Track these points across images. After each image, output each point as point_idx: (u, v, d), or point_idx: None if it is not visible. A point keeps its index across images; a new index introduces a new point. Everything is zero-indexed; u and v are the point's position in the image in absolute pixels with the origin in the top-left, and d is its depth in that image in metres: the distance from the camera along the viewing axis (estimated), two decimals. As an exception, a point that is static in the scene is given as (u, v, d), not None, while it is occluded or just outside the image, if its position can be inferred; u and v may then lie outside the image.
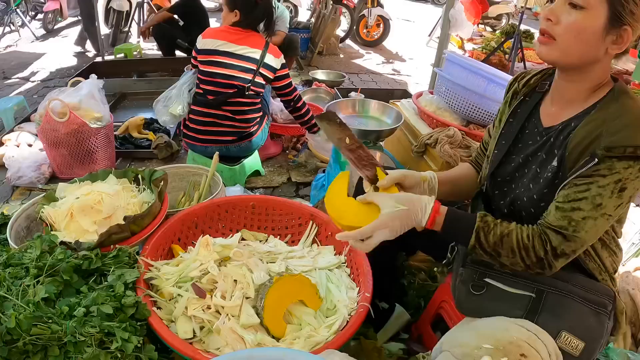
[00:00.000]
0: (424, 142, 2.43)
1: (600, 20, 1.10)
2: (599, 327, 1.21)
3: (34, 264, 1.43)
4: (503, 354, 1.07)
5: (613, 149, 1.08)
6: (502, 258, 1.19)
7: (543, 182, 1.24)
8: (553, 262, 1.15)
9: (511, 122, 1.41)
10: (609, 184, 1.10)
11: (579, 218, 1.12)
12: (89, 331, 1.22)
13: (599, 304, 1.22)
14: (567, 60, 1.17)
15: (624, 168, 1.08)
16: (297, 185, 3.08)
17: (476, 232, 1.20)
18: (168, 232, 1.74)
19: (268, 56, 2.71)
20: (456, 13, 3.30)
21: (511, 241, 1.17)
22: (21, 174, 2.83)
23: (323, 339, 1.39)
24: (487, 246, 1.19)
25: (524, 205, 1.29)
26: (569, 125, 1.23)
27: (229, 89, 2.67)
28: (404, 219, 1.23)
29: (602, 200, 1.10)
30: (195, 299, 1.42)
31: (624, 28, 1.11)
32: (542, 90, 1.37)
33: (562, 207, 1.15)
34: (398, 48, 7.81)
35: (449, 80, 2.49)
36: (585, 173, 1.12)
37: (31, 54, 6.22)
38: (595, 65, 1.18)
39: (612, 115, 1.13)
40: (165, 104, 2.78)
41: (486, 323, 1.22)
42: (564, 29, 1.13)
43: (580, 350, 1.16)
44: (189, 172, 2.37)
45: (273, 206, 1.97)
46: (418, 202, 1.24)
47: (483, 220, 1.21)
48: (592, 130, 1.14)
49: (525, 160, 1.32)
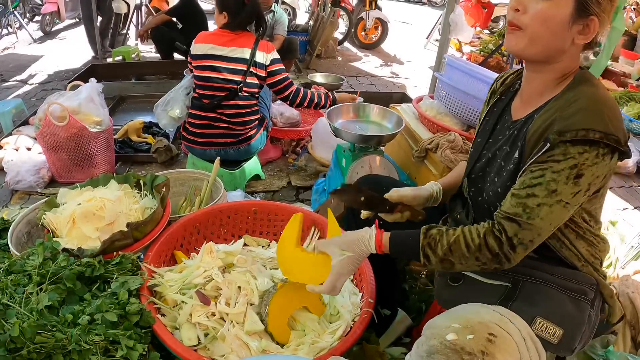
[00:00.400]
0: (425, 147, 2.44)
1: (566, 10, 1.11)
2: (578, 314, 1.19)
3: (37, 271, 1.42)
4: (470, 332, 1.05)
5: (565, 133, 1.07)
6: (456, 266, 1.20)
7: (506, 174, 1.24)
8: (510, 254, 1.14)
9: (487, 121, 1.43)
10: (563, 169, 1.08)
11: (534, 205, 1.11)
12: (94, 339, 1.22)
13: (577, 291, 1.21)
14: (534, 49, 1.17)
15: (578, 153, 1.07)
16: (297, 190, 3.08)
17: (422, 250, 1.21)
18: (170, 239, 1.73)
19: (258, 53, 2.69)
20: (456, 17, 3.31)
21: (459, 247, 1.18)
22: (20, 178, 2.82)
23: (327, 344, 1.40)
24: (436, 260, 1.20)
25: (491, 200, 1.28)
26: (532, 117, 1.23)
27: (222, 92, 2.68)
28: (354, 261, 1.31)
29: (557, 187, 1.09)
30: (199, 305, 1.42)
31: (590, 18, 1.11)
32: (515, 89, 1.38)
33: (517, 194, 1.14)
34: (396, 51, 7.82)
35: (449, 85, 2.50)
36: (540, 159, 1.11)
37: (29, 57, 6.21)
38: (561, 56, 1.18)
39: (568, 101, 1.13)
40: (164, 107, 2.79)
41: (459, 307, 1.20)
42: (531, 18, 1.13)
43: (558, 337, 1.15)
44: (190, 177, 2.37)
45: (275, 211, 1.97)
46: (360, 242, 1.30)
47: (427, 235, 1.22)
48: (547, 118, 1.14)
49: (493, 155, 1.33)
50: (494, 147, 1.35)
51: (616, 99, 5.21)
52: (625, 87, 5.92)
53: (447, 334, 1.06)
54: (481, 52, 7.03)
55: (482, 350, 1.02)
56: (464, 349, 1.02)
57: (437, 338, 1.06)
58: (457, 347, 1.02)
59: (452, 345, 1.03)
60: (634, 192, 3.52)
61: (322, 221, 1.88)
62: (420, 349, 1.08)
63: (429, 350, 1.05)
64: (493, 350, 1.02)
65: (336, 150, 2.52)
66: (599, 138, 1.05)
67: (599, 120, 1.06)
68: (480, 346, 1.02)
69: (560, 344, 1.15)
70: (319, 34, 6.26)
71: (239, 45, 2.67)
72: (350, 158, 2.34)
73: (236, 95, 2.68)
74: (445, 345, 1.04)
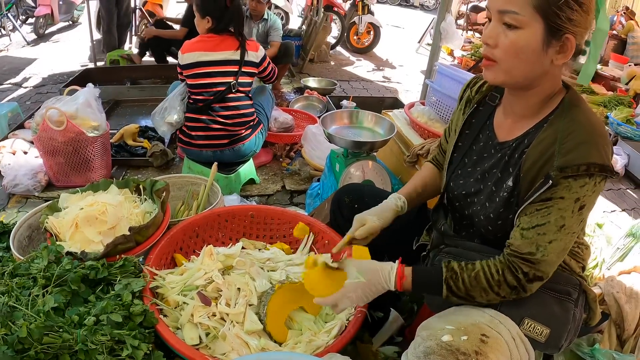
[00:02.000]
0: (416, 152, 2.50)
1: (537, 36, 1.08)
2: (563, 313, 1.22)
3: (42, 274, 1.47)
4: (463, 333, 1.11)
5: (566, 169, 1.08)
6: (477, 299, 1.20)
7: (499, 200, 1.24)
8: (527, 286, 1.15)
9: (467, 134, 1.41)
10: (569, 205, 1.10)
11: (546, 242, 1.12)
12: (100, 339, 1.27)
13: (562, 292, 1.24)
14: (513, 80, 1.16)
15: (580, 187, 1.08)
16: (292, 193, 3.13)
17: (446, 283, 1.20)
18: (171, 242, 1.79)
19: (248, 53, 2.80)
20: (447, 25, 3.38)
21: (481, 282, 1.18)
22: (17, 181, 2.84)
23: (323, 343, 1.46)
24: (459, 292, 1.20)
25: (482, 223, 1.30)
26: (522, 142, 1.22)
27: (216, 95, 2.79)
28: (365, 289, 1.27)
29: (565, 222, 1.11)
30: (200, 306, 1.48)
31: (565, 37, 1.08)
32: (494, 104, 1.36)
33: (527, 235, 1.14)
34: (388, 55, 7.91)
35: (440, 92, 2.57)
36: (544, 196, 1.12)
37: (23, 59, 6.21)
38: (543, 78, 1.16)
39: (563, 132, 1.12)
40: (161, 115, 2.85)
41: (452, 310, 1.26)
42: (503, 52, 1.12)
43: (546, 336, 1.18)
44: (187, 182, 2.42)
45: (271, 215, 2.03)
46: (380, 272, 1.27)
47: (449, 269, 1.21)
48: (544, 150, 1.14)
49: (482, 177, 1.32)
50: (480, 166, 1.34)
51: (605, 103, 5.31)
52: (614, 91, 6.02)
53: (442, 335, 1.12)
54: (472, 56, 7.13)
55: (476, 350, 1.08)
56: (459, 349, 1.08)
57: (433, 339, 1.12)
58: (453, 347, 1.08)
59: (447, 346, 1.09)
60: (622, 194, 3.61)
61: (317, 225, 1.94)
62: (417, 350, 1.13)
63: (426, 351, 1.10)
64: (486, 350, 1.09)
65: (330, 155, 2.58)
66: (598, 171, 1.07)
67: (596, 153, 1.08)
68: (474, 346, 1.09)
69: (547, 343, 1.19)
70: (311, 39, 6.32)
71: (227, 48, 2.76)
72: (343, 163, 2.40)
73: (230, 94, 2.77)
74: (441, 346, 1.09)
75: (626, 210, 3.32)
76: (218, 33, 2.76)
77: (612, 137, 4.33)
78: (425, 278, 1.26)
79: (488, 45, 1.15)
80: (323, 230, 1.90)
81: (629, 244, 2.19)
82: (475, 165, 1.36)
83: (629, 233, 2.24)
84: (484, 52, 1.17)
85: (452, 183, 1.42)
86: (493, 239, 1.30)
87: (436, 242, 1.50)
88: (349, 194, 1.79)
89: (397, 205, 1.52)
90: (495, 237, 1.29)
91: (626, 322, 1.74)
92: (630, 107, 5.09)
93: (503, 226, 1.25)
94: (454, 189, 1.40)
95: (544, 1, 1.05)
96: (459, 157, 1.42)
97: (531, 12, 1.07)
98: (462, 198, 1.38)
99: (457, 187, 1.39)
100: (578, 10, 1.06)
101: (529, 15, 1.07)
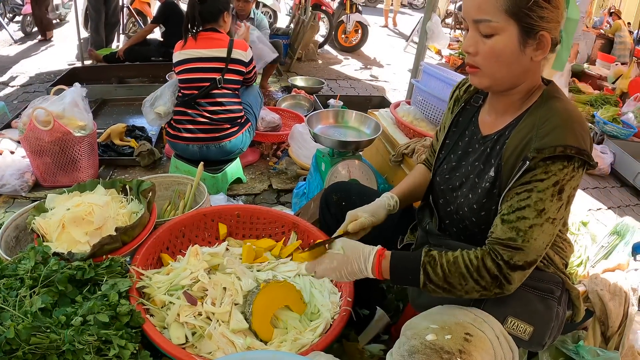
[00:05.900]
0: (402, 151, 2.53)
1: (513, 39, 1.12)
2: (546, 311, 1.24)
3: (29, 274, 1.47)
4: (448, 332, 1.12)
5: (543, 150, 1.09)
6: (456, 287, 1.18)
7: (482, 191, 1.26)
8: (510, 276, 1.14)
9: (454, 131, 1.45)
10: (547, 188, 1.11)
11: (526, 227, 1.12)
12: (87, 339, 1.28)
13: (544, 290, 1.25)
14: (499, 83, 1.20)
15: (559, 169, 1.10)
16: (278, 192, 3.15)
17: (423, 268, 1.20)
18: (157, 242, 1.80)
19: (235, 52, 2.87)
20: (433, 25, 3.41)
21: (459, 267, 1.17)
22: (4, 182, 2.83)
23: (308, 341, 1.49)
24: (437, 279, 1.19)
25: (466, 214, 1.31)
26: (503, 134, 1.26)
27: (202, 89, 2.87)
28: (342, 262, 1.30)
29: (544, 205, 1.11)
30: (187, 306, 1.50)
31: (540, 34, 1.12)
32: (478, 104, 1.41)
33: (507, 219, 1.15)
34: (376, 53, 7.94)
35: (425, 91, 2.60)
36: (524, 179, 1.13)
37: (9, 58, 6.17)
38: (525, 76, 1.20)
39: (541, 119, 1.15)
40: (151, 103, 2.96)
41: (436, 309, 1.27)
42: (484, 58, 1.17)
43: (529, 334, 1.20)
44: (173, 182, 2.43)
45: (257, 215, 2.05)
46: (360, 251, 1.30)
47: (428, 255, 1.22)
48: (523, 137, 1.17)
49: (466, 170, 1.35)
50: (464, 160, 1.37)
51: (592, 102, 5.38)
52: (601, 90, 6.10)
53: (426, 334, 1.14)
54: (460, 54, 7.19)
55: (460, 349, 1.10)
56: (443, 348, 1.10)
57: (418, 338, 1.14)
58: (437, 347, 1.10)
59: (431, 345, 1.11)
60: (607, 192, 3.68)
61: (302, 225, 1.96)
62: (401, 349, 1.15)
63: (410, 350, 1.12)
64: (470, 348, 1.11)
65: (316, 154, 2.60)
66: (575, 153, 1.08)
67: (572, 136, 1.10)
68: (458, 345, 1.11)
69: (531, 340, 1.21)
70: (299, 37, 6.33)
71: (215, 46, 2.85)
72: (329, 162, 2.43)
73: (215, 89, 2.85)
74: (425, 345, 1.11)
75: (612, 208, 3.37)
76: (205, 30, 2.87)
77: (598, 136, 4.39)
78: (404, 262, 1.26)
79: (469, 54, 1.20)
80: (309, 230, 1.93)
81: (613, 242, 2.22)
82: (460, 160, 1.39)
83: (613, 231, 2.28)
84: (467, 60, 1.22)
85: (437, 177, 1.45)
86: (478, 234, 1.31)
87: (421, 241, 1.52)
88: (336, 191, 1.81)
89: (389, 204, 1.55)
90: (480, 231, 1.30)
91: (610, 319, 1.76)
92: (617, 106, 5.18)
93: (487, 217, 1.26)
94: (440, 184, 1.43)
95: (514, 5, 1.09)
96: (445, 153, 1.45)
97: (504, 17, 1.11)
98: (447, 192, 1.40)
99: (443, 182, 1.42)
100: (547, 7, 1.10)
101: (502, 20, 1.11)
